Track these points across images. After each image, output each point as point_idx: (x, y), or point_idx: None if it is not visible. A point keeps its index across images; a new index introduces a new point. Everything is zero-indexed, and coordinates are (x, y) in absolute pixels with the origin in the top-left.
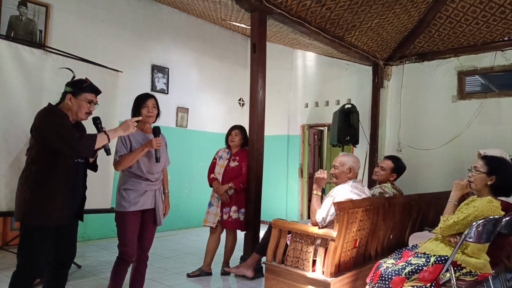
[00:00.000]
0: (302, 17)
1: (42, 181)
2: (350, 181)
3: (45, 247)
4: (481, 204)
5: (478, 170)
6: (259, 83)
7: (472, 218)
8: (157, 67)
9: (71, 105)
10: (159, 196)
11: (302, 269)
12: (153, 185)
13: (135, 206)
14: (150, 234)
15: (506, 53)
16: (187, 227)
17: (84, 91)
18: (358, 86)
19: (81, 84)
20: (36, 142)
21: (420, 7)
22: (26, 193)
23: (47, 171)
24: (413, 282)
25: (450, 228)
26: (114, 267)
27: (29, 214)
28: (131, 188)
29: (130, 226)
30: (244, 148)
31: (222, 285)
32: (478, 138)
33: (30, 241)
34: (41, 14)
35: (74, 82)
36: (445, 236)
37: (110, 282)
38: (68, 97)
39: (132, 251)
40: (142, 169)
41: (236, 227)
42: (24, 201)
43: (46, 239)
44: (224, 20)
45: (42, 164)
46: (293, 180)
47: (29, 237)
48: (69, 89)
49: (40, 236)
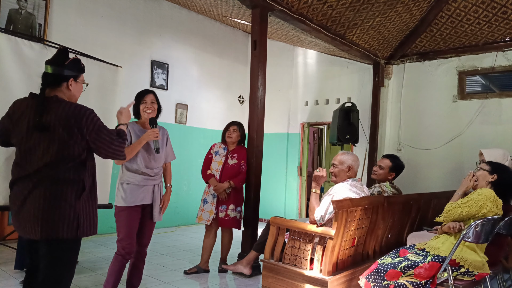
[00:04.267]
0: (304, 14)
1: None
2: (349, 179)
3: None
4: (486, 191)
5: (482, 169)
6: (259, 80)
7: (475, 201)
8: (157, 63)
9: (71, 92)
10: (158, 191)
11: (299, 267)
12: (152, 180)
13: (134, 201)
14: (149, 230)
15: (507, 53)
16: (185, 224)
17: (83, 71)
18: (359, 84)
19: (80, 64)
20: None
21: (422, 6)
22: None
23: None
24: (409, 277)
25: (453, 210)
26: (112, 263)
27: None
28: (130, 183)
29: (129, 221)
30: (242, 145)
31: (219, 282)
32: (478, 138)
33: (76, 255)
34: (40, 8)
35: (73, 61)
36: (446, 222)
37: (108, 277)
38: (70, 81)
39: (131, 246)
40: (140, 164)
41: (233, 225)
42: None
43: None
44: (225, 17)
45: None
46: (292, 178)
47: (76, 250)
48: (71, 72)
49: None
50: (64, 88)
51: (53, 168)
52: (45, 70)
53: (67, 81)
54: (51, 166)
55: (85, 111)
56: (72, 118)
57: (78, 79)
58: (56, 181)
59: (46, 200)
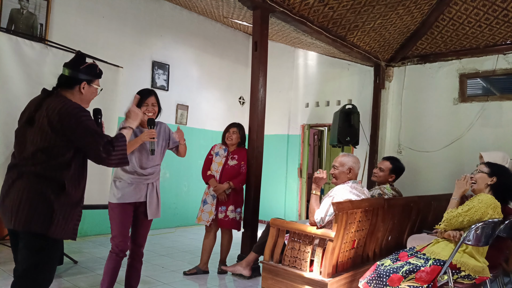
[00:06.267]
0: (305, 16)
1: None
2: (350, 181)
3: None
4: (485, 197)
5: (481, 171)
6: (260, 81)
7: (476, 210)
8: (157, 64)
9: (83, 95)
10: (153, 190)
11: (299, 269)
12: (146, 179)
13: (126, 198)
14: (144, 229)
15: (508, 56)
16: (185, 225)
17: (98, 77)
18: (359, 86)
19: (96, 70)
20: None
21: (423, 9)
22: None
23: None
24: (410, 281)
25: (454, 219)
26: (107, 261)
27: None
28: (122, 180)
29: (121, 218)
30: (242, 146)
31: (219, 283)
32: (479, 141)
33: (51, 255)
34: (42, 8)
35: (89, 67)
36: (447, 230)
37: (104, 276)
38: (82, 85)
39: (124, 244)
40: (135, 163)
41: (232, 226)
42: (50, 210)
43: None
44: (226, 18)
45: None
46: (292, 180)
47: (51, 249)
48: (85, 76)
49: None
50: (76, 91)
51: (35, 163)
52: (62, 72)
53: (80, 84)
54: (34, 160)
55: (73, 109)
56: (58, 115)
57: (92, 83)
58: (37, 176)
59: (25, 192)
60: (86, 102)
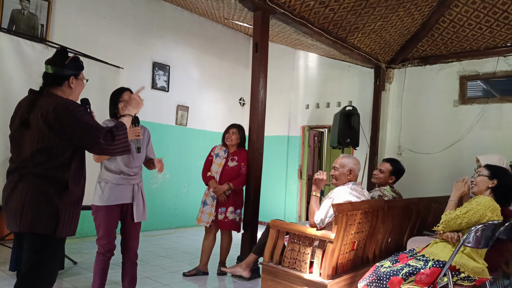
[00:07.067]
0: (305, 18)
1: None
2: (350, 183)
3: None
4: (484, 200)
5: (481, 174)
6: (260, 82)
7: (474, 212)
8: (158, 65)
9: (73, 89)
10: (139, 192)
11: (299, 270)
12: (131, 179)
13: (112, 200)
14: (134, 231)
15: (508, 58)
16: (185, 226)
17: (82, 69)
18: (360, 88)
19: (79, 62)
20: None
21: (424, 11)
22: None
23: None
24: (410, 284)
25: (452, 221)
26: (95, 262)
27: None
28: (108, 182)
29: (107, 220)
30: (242, 148)
31: (218, 285)
32: (478, 143)
33: (55, 255)
34: (43, 9)
35: (73, 60)
36: (445, 232)
37: (94, 277)
38: (71, 80)
39: (110, 245)
40: (120, 163)
41: (232, 228)
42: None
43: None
44: (226, 19)
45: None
46: (292, 181)
47: (55, 249)
48: (72, 71)
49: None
50: (66, 87)
51: (35, 164)
52: (46, 70)
53: (68, 79)
54: (34, 161)
55: (68, 106)
56: (54, 113)
57: (78, 76)
58: (39, 177)
59: (28, 194)
60: (76, 96)
